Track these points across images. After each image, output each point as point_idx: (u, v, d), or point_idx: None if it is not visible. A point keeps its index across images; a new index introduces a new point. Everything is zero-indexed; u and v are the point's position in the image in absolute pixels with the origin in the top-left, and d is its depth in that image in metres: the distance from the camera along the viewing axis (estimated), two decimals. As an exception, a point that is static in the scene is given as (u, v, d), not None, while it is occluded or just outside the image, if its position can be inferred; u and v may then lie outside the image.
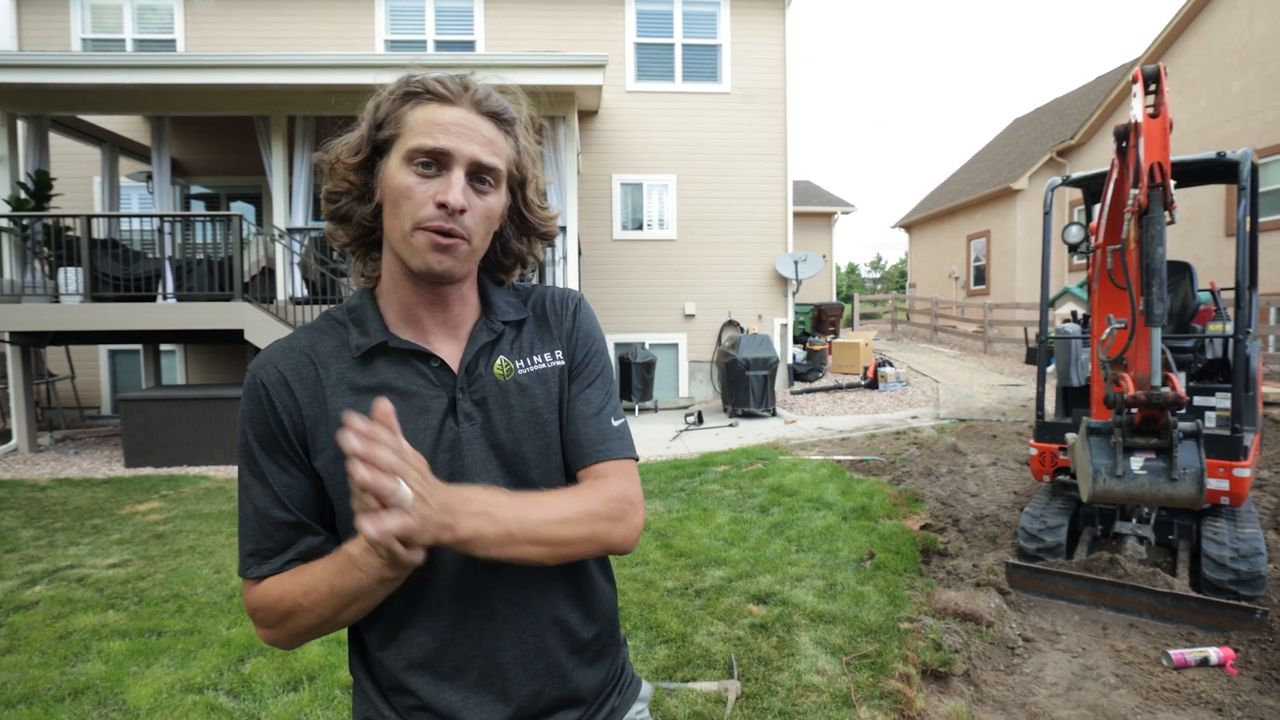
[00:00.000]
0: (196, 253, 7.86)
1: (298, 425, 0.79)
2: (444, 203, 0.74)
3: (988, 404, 8.75)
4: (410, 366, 0.81)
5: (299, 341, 0.83)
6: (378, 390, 0.79)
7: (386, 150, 0.79)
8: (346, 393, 0.79)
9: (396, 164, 0.77)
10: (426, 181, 0.76)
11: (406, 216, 0.76)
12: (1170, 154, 2.94)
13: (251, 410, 0.80)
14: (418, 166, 0.76)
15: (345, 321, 0.84)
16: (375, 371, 0.80)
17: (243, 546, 0.81)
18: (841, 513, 4.50)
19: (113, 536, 4.48)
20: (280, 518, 0.79)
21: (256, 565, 0.79)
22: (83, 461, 6.94)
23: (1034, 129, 18.38)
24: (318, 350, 0.82)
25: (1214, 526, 3.38)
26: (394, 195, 0.77)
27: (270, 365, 0.81)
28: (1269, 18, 10.47)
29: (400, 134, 0.78)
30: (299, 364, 0.81)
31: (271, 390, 0.79)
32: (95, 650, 2.86)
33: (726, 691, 2.48)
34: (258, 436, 0.79)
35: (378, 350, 0.81)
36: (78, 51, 9.48)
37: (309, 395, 0.79)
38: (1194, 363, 3.97)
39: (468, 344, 0.85)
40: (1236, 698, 2.50)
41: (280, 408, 0.79)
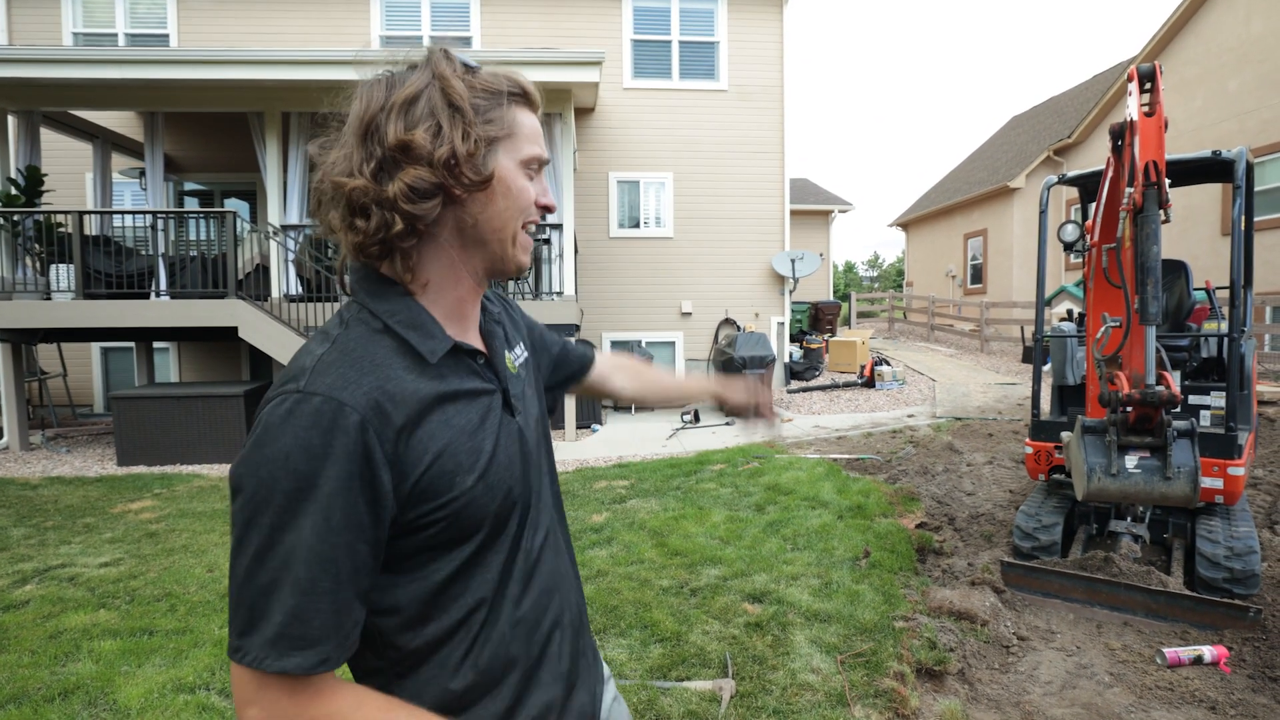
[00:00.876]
0: (190, 250, 7.82)
1: (391, 457, 0.68)
2: (548, 206, 0.82)
3: (984, 402, 8.76)
4: (465, 366, 0.79)
5: (357, 353, 0.71)
6: (455, 396, 0.75)
7: (493, 147, 0.76)
8: (434, 401, 0.73)
9: (513, 166, 0.78)
10: (532, 184, 0.80)
11: (517, 217, 0.79)
12: (1165, 152, 2.93)
13: (341, 446, 0.64)
14: (530, 171, 0.80)
15: (387, 327, 0.74)
16: (444, 377, 0.75)
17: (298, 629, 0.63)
18: (837, 511, 4.50)
19: (105, 535, 4.45)
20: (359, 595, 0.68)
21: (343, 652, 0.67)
22: (75, 460, 6.91)
23: (1031, 127, 18.40)
24: (380, 360, 0.71)
25: (1208, 525, 3.39)
26: (514, 198, 0.78)
27: (350, 387, 0.67)
28: (1266, 17, 10.48)
29: (513, 135, 0.77)
30: (381, 380, 0.69)
31: (366, 417, 0.66)
32: (86, 650, 2.84)
33: (721, 690, 2.48)
34: (347, 479, 0.65)
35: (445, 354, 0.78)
36: (69, 46, 9.40)
37: (403, 415, 0.69)
38: (1189, 361, 3.98)
39: (488, 339, 0.87)
40: (1230, 696, 2.50)
41: (374, 439, 0.66)
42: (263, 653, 0.63)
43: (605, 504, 4.95)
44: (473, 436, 0.76)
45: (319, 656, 0.64)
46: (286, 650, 0.63)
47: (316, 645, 0.64)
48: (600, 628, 3.00)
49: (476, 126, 0.73)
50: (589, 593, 3.33)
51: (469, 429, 0.76)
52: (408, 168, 0.71)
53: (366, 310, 0.76)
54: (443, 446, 0.72)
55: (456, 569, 0.75)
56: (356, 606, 0.68)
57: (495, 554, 0.79)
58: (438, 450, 0.72)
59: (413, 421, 0.70)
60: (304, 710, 0.65)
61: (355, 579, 0.67)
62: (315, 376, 0.67)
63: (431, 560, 0.74)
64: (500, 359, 0.87)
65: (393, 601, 0.73)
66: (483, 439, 0.77)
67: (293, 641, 0.63)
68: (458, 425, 0.75)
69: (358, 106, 0.74)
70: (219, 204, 10.08)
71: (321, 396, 0.66)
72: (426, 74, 0.74)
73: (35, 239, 7.28)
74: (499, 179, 0.76)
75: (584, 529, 4.36)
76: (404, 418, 0.69)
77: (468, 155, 0.72)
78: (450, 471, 0.72)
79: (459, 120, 0.72)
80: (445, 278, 0.79)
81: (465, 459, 0.74)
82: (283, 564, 0.63)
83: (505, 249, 0.79)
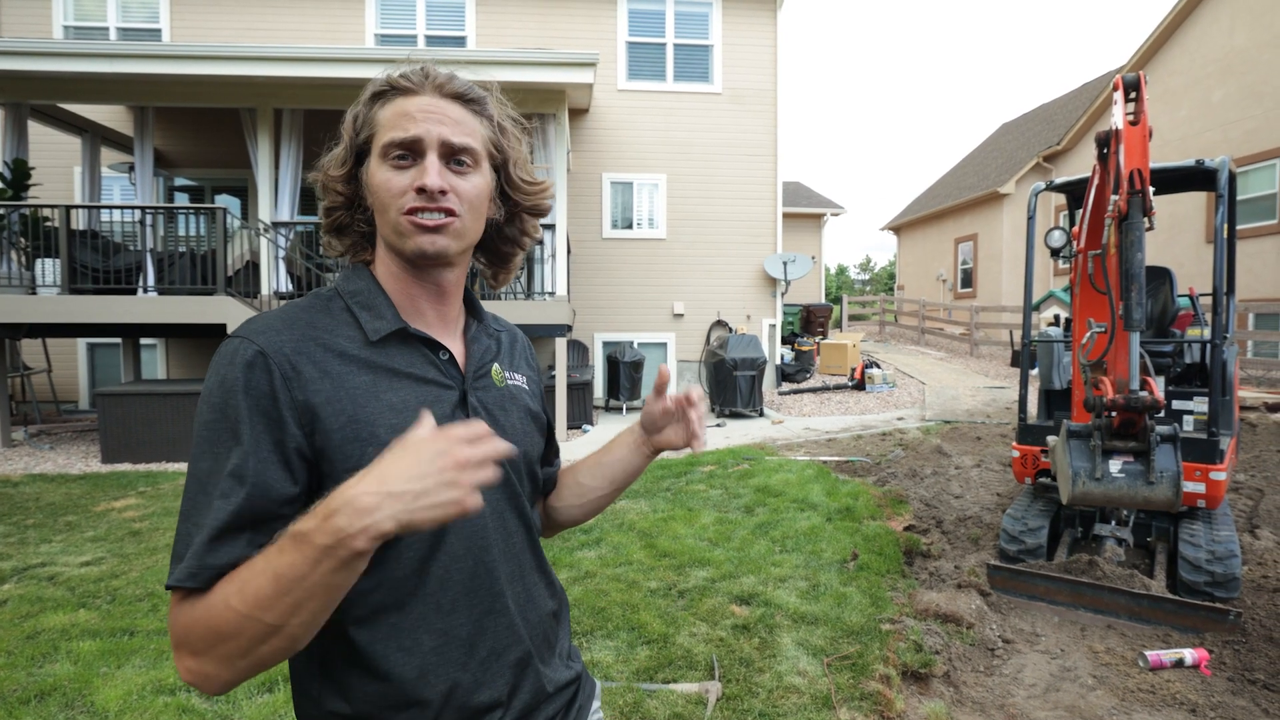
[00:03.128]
0: (179, 245, 7.74)
1: (299, 405, 0.72)
2: (423, 187, 0.77)
3: (973, 406, 8.82)
4: (421, 355, 0.81)
5: (295, 315, 0.77)
6: (393, 373, 0.78)
7: (367, 154, 0.81)
8: (364, 370, 0.76)
9: (375, 162, 0.79)
10: (404, 172, 0.78)
11: (392, 207, 0.78)
12: (1150, 161, 2.97)
13: (246, 379, 0.70)
14: (394, 160, 0.78)
15: (346, 304, 0.81)
16: (389, 355, 0.79)
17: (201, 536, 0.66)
18: (826, 514, 4.51)
19: (87, 534, 4.40)
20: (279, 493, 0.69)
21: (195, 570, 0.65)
22: (58, 457, 6.83)
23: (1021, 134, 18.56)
24: (319, 325, 0.77)
25: (1190, 529, 3.42)
26: (377, 190, 0.79)
27: (269, 333, 0.73)
28: (1249, 29, 10.63)
29: (375, 133, 0.80)
30: (302, 337, 0.75)
31: (273, 359, 0.71)
32: (64, 650, 2.80)
33: (707, 693, 2.48)
34: (251, 409, 0.69)
35: (391, 336, 0.80)
36: (59, 39, 9.32)
37: (317, 371, 0.73)
38: (1173, 367, 4.02)
39: (470, 344, 0.88)
40: (1210, 698, 2.52)
41: (280, 379, 0.71)
42: (171, 571, 0.68)
43: (594, 505, 4.94)
44: (401, 415, 0.75)
45: (186, 570, 0.66)
46: (175, 564, 0.67)
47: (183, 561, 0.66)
48: (587, 629, 2.99)
49: (353, 141, 0.82)
50: (576, 594, 3.32)
51: (398, 407, 0.76)
52: (326, 190, 0.84)
53: (334, 290, 0.84)
54: (358, 412, 0.74)
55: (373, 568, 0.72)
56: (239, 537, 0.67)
57: (409, 550, 0.75)
58: (351, 414, 0.73)
59: (329, 379, 0.74)
60: (183, 613, 0.66)
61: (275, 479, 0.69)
62: (246, 325, 0.76)
63: None
64: (477, 364, 0.88)
65: None
66: (413, 422, 0.69)
67: (179, 556, 0.67)
68: (386, 400, 0.76)
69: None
70: (209, 200, 10.01)
71: (240, 338, 0.73)
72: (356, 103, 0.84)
73: (21, 233, 7.19)
74: (368, 181, 0.81)
75: (572, 530, 4.35)
76: (317, 373, 0.74)
77: (342, 174, 0.83)
78: (363, 439, 0.73)
79: (340, 145, 0.83)
80: (388, 270, 0.84)
81: (383, 433, 0.73)
82: (201, 488, 0.69)
83: (396, 240, 0.80)
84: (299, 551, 0.61)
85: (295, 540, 0.62)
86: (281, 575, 0.61)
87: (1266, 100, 10.36)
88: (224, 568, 0.66)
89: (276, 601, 0.62)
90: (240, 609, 0.63)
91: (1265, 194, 10.41)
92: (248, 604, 0.62)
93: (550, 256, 8.02)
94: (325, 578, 0.61)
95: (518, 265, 0.97)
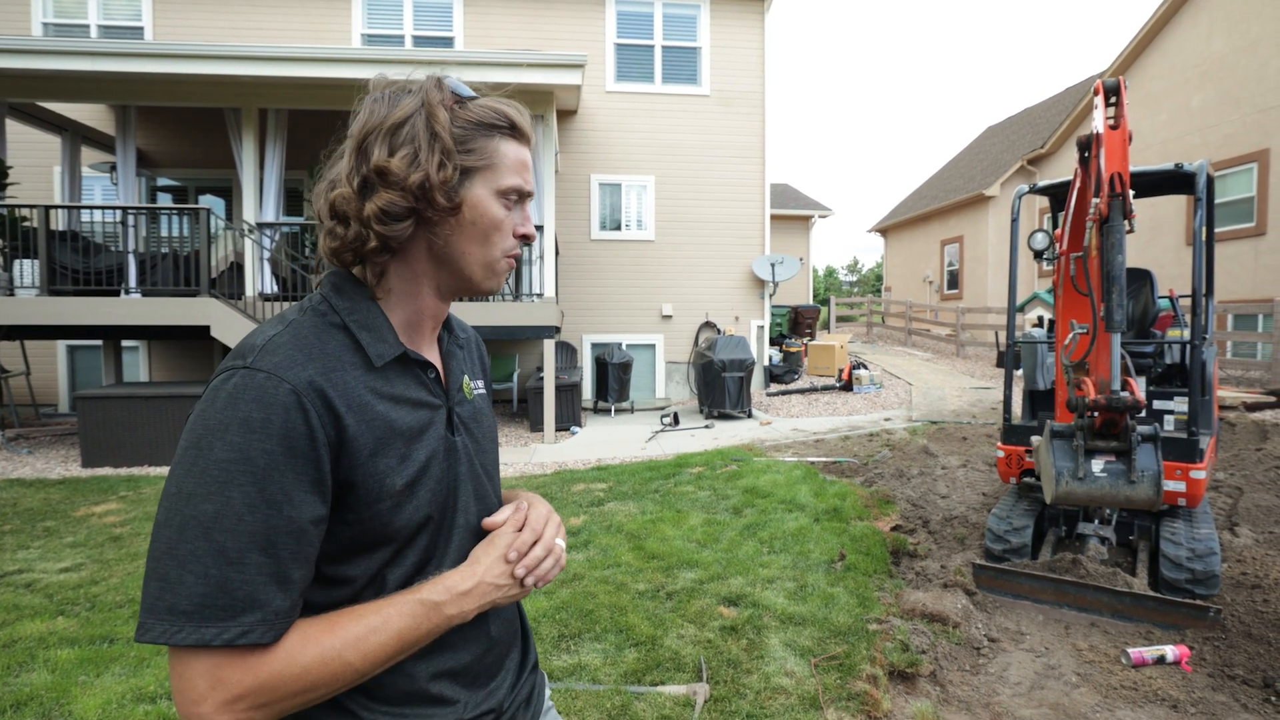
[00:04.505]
0: (162, 246, 7.65)
1: (332, 441, 0.69)
2: (526, 235, 0.84)
3: (959, 406, 8.90)
4: (415, 377, 0.81)
5: (309, 340, 0.73)
6: (399, 400, 0.78)
7: (469, 175, 0.79)
8: (378, 400, 0.75)
9: (488, 195, 0.80)
10: (509, 214, 0.82)
11: (496, 246, 0.82)
12: (1130, 165, 3.01)
13: (281, 422, 0.65)
14: (508, 201, 0.82)
15: (344, 324, 0.76)
16: (390, 381, 0.78)
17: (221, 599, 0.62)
18: (814, 514, 4.53)
19: (66, 539, 4.33)
20: (303, 568, 0.68)
21: (267, 627, 0.64)
22: (36, 461, 6.71)
23: (1006, 137, 18.76)
24: (329, 352, 0.74)
25: (1171, 527, 3.47)
26: (489, 222, 0.81)
27: (295, 368, 0.69)
28: (1227, 35, 10.82)
29: (492, 166, 0.80)
30: (326, 368, 0.71)
31: (305, 397, 0.67)
32: (42, 659, 2.75)
33: (695, 694, 2.48)
34: (288, 454, 0.65)
35: (392, 360, 0.79)
36: (38, 36, 9.18)
37: (345, 403, 0.71)
38: (1154, 367, 4.07)
39: (447, 358, 0.89)
40: (1191, 694, 2.56)
41: (316, 420, 0.68)
42: (175, 625, 0.61)
43: (583, 507, 4.93)
44: (409, 443, 0.77)
45: (240, 628, 0.62)
46: (203, 622, 0.61)
47: (239, 616, 0.62)
48: (575, 632, 2.98)
49: (455, 156, 0.77)
50: (565, 597, 3.31)
51: (406, 435, 0.77)
52: (383, 191, 0.75)
53: (327, 303, 0.78)
54: (378, 445, 0.73)
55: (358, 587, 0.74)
56: (294, 585, 0.67)
57: (395, 570, 0.76)
58: (373, 447, 0.73)
59: (354, 413, 0.72)
60: (254, 667, 0.64)
61: (295, 556, 0.67)
62: (264, 355, 0.69)
63: (335, 564, 0.73)
64: (456, 379, 0.89)
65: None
66: (417, 449, 0.77)
67: (213, 612, 0.62)
68: (397, 428, 0.76)
69: (360, 119, 0.78)
70: (193, 200, 9.90)
71: (266, 373, 0.67)
72: (417, 100, 0.77)
73: (-2, 233, 7.08)
74: (470, 206, 0.79)
75: (561, 532, 4.33)
76: (345, 407, 0.71)
77: (441, 183, 0.76)
78: (383, 471, 0.73)
79: (436, 148, 0.76)
80: (409, 289, 0.82)
81: (396, 463, 0.75)
82: (203, 533, 0.63)
83: (474, 273, 0.82)
84: (428, 618, 0.73)
85: (425, 607, 0.73)
86: (405, 635, 0.71)
87: (1244, 105, 10.54)
88: (291, 620, 0.67)
89: (393, 657, 0.72)
90: (356, 664, 0.69)
91: (1243, 197, 10.59)
92: (367, 660, 0.69)
93: (538, 258, 8.01)
94: (431, 639, 0.75)
95: None
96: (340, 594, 0.73)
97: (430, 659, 0.78)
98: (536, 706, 0.95)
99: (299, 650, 0.66)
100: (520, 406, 9.77)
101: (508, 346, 10.04)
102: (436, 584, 0.75)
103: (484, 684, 0.84)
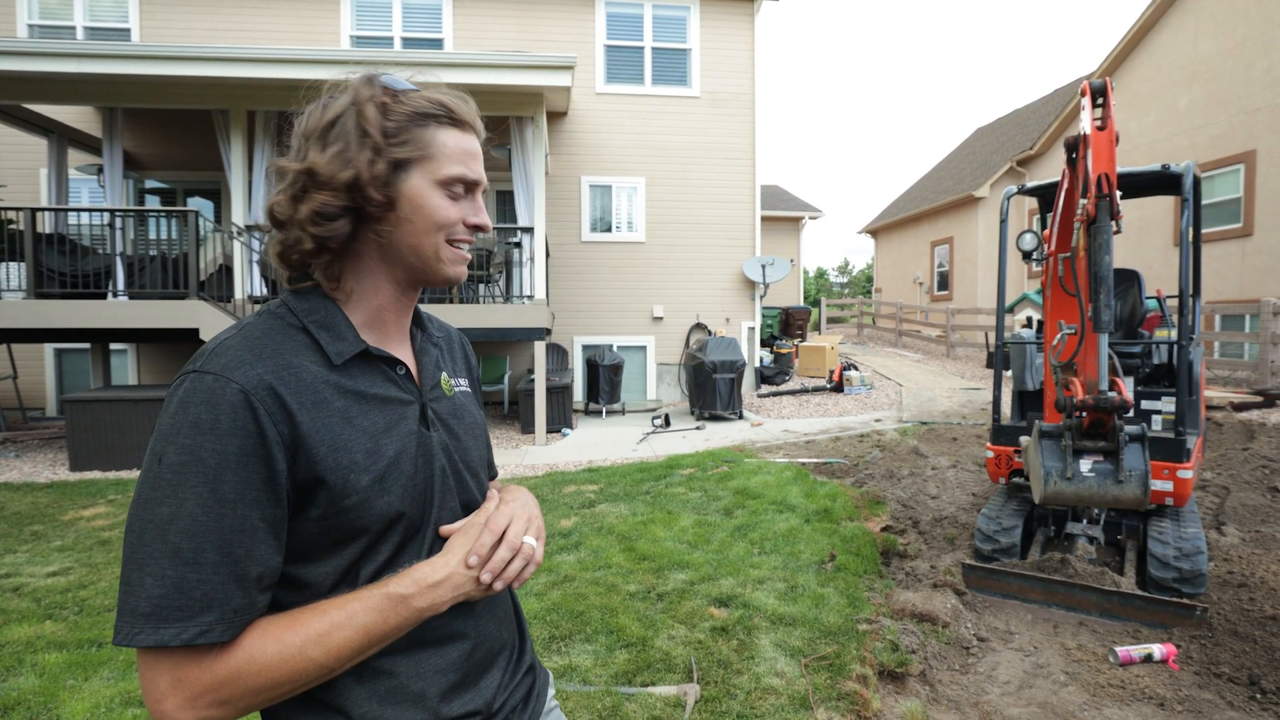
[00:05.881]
0: (150, 249, 7.60)
1: (285, 439, 0.69)
2: (479, 225, 0.83)
3: (949, 407, 8.94)
4: (381, 373, 0.81)
5: (261, 340, 0.73)
6: (360, 396, 0.77)
7: (405, 169, 0.78)
8: (337, 396, 0.75)
9: (427, 186, 0.79)
10: (456, 203, 0.81)
11: (441, 234, 0.80)
12: (1117, 166, 3.03)
13: (229, 422, 0.66)
14: (453, 190, 0.80)
15: (302, 325, 0.77)
16: (353, 377, 0.78)
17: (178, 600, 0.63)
18: (804, 515, 4.54)
19: (53, 543, 4.29)
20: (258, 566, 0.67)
21: (225, 625, 0.65)
22: (24, 465, 6.65)
23: (995, 139, 18.89)
24: (285, 350, 0.74)
25: (1159, 526, 3.50)
26: (426, 213, 0.79)
27: (243, 367, 0.69)
28: (1213, 38, 10.93)
29: (429, 156, 0.79)
30: (278, 366, 0.71)
31: (254, 397, 0.68)
32: (29, 663, 2.73)
33: (686, 695, 2.48)
34: (239, 454, 0.66)
35: (354, 356, 0.79)
36: (23, 38, 9.10)
37: (298, 401, 0.71)
38: (1141, 368, 4.10)
39: (420, 355, 0.88)
40: (1177, 692, 2.58)
41: (266, 419, 0.68)
42: (135, 626, 0.62)
43: (574, 509, 4.92)
44: (374, 439, 0.76)
45: (198, 628, 0.63)
46: (161, 623, 0.63)
47: (196, 617, 0.63)
48: (566, 633, 2.98)
49: (386, 150, 0.76)
50: (555, 598, 3.31)
51: (372, 431, 0.76)
52: (314, 193, 0.75)
53: (286, 306, 0.79)
54: (338, 440, 0.73)
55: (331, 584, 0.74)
56: (251, 583, 0.67)
57: (368, 566, 0.76)
58: (332, 443, 0.72)
59: (308, 410, 0.72)
60: (210, 667, 0.65)
61: (250, 555, 0.67)
62: (212, 358, 0.70)
63: (305, 561, 0.73)
64: (430, 375, 0.88)
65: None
66: (385, 444, 0.77)
67: (171, 613, 0.63)
68: (360, 425, 0.76)
69: (299, 124, 0.79)
70: (182, 203, 9.82)
71: (214, 375, 0.68)
72: (348, 98, 0.78)
73: (-17, 236, 7.01)
74: (408, 199, 0.78)
75: (552, 534, 4.33)
76: (298, 404, 0.71)
77: (372, 179, 0.75)
78: (345, 467, 0.73)
79: (366, 145, 0.76)
80: (366, 287, 0.82)
81: (362, 459, 0.74)
82: (159, 535, 0.64)
83: (426, 263, 0.81)
84: (395, 612, 0.72)
85: (392, 600, 0.72)
86: (372, 630, 0.71)
87: (1230, 107, 10.65)
88: (249, 619, 0.67)
89: (361, 652, 0.71)
90: (320, 659, 0.68)
91: (1230, 198, 10.70)
92: (330, 655, 0.69)
93: (529, 260, 7.99)
94: (402, 632, 0.74)
95: None
96: (313, 592, 0.73)
97: (413, 654, 0.77)
98: (536, 707, 0.94)
99: (259, 647, 0.66)
100: (511, 408, 9.75)
101: (498, 348, 10.03)
102: (405, 577, 0.74)
103: (470, 684, 0.83)
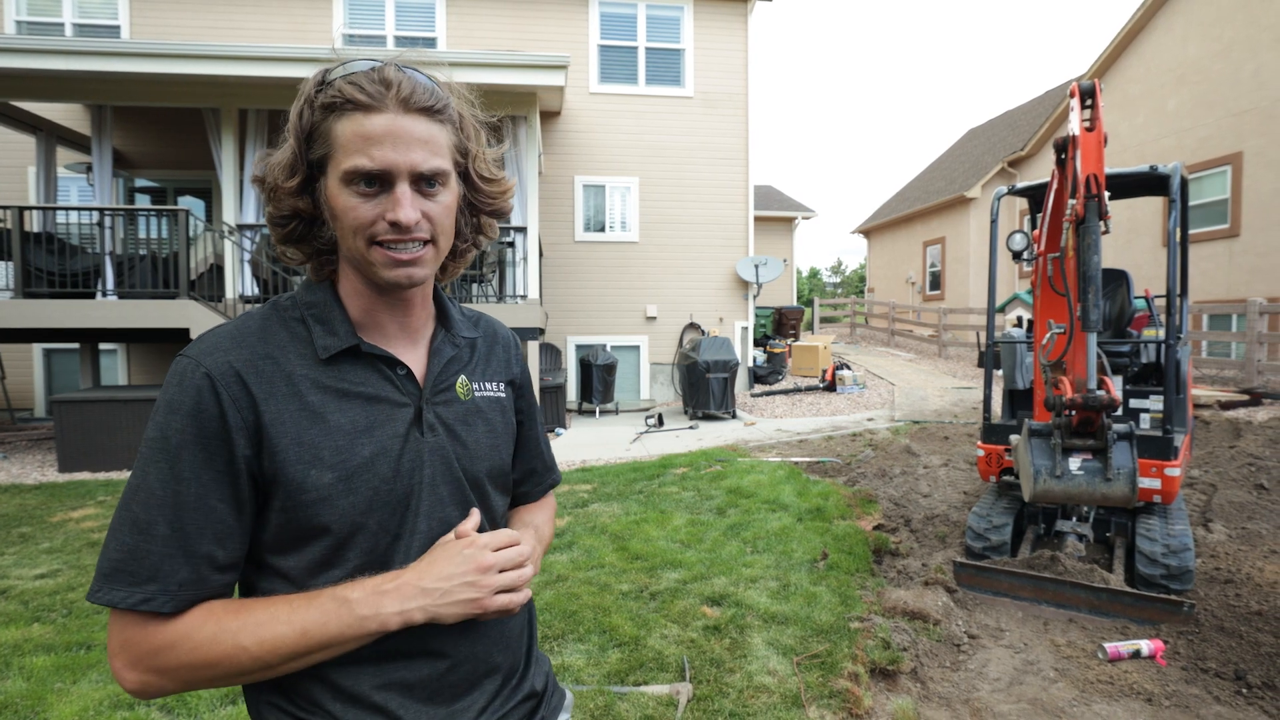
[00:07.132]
0: (140, 248, 7.54)
1: (249, 425, 0.70)
2: (396, 222, 0.72)
3: (941, 406, 8.99)
4: (377, 372, 0.78)
5: (247, 330, 0.74)
6: (342, 393, 0.75)
7: (323, 169, 0.73)
8: (312, 390, 0.74)
9: (336, 186, 0.72)
10: (371, 200, 0.72)
11: (360, 237, 0.73)
12: (1105, 166, 3.06)
13: (192, 404, 0.68)
14: (358, 187, 0.72)
15: (302, 317, 0.77)
16: (341, 373, 0.76)
17: (131, 566, 0.65)
18: (797, 514, 4.55)
19: (42, 545, 4.25)
20: (210, 545, 0.68)
21: (168, 597, 0.66)
22: (12, 466, 6.59)
23: (987, 139, 18.98)
24: (271, 341, 0.74)
25: (1147, 524, 3.53)
26: (340, 217, 0.73)
27: (216, 354, 0.71)
28: (1201, 40, 11.03)
29: (331, 152, 0.72)
30: (253, 355, 0.72)
31: (219, 382, 0.69)
32: (16, 666, 2.70)
33: (678, 694, 2.48)
34: (198, 435, 0.68)
35: (344, 353, 0.77)
36: (11, 34, 9.02)
37: (266, 391, 0.71)
38: (1130, 367, 4.14)
39: (432, 356, 0.84)
40: (1165, 688, 2.60)
41: (229, 404, 0.69)
42: (96, 585, 0.66)
43: (567, 508, 4.92)
44: (349, 437, 0.74)
45: (142, 595, 0.65)
46: (114, 585, 0.66)
47: (143, 584, 0.66)
48: (559, 633, 2.98)
49: (305, 153, 0.74)
50: (548, 598, 3.31)
51: (347, 429, 0.74)
52: (267, 199, 0.78)
53: (292, 299, 0.80)
54: (303, 435, 0.72)
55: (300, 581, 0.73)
56: (200, 560, 0.68)
57: (336, 571, 0.73)
58: (295, 436, 0.72)
59: (275, 400, 0.72)
60: (151, 634, 0.66)
61: (202, 533, 0.68)
62: (197, 343, 0.73)
63: (271, 553, 0.73)
64: (439, 377, 0.83)
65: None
66: (361, 444, 0.74)
67: (122, 577, 0.66)
68: (333, 422, 0.74)
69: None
70: (172, 201, 9.77)
71: (189, 359, 0.71)
72: (299, 99, 0.75)
73: (-30, 235, 6.94)
74: (326, 202, 0.74)
75: (546, 534, 4.33)
76: (264, 393, 0.71)
77: (291, 187, 0.75)
78: (306, 462, 0.71)
79: (288, 149, 0.75)
80: (353, 284, 0.80)
81: (328, 455, 0.72)
82: (127, 504, 0.68)
83: (363, 268, 0.76)
84: (336, 614, 0.68)
85: (336, 602, 0.69)
86: (310, 631, 0.67)
87: (1218, 109, 10.75)
88: (197, 594, 0.68)
89: (293, 651, 0.67)
90: (252, 649, 0.66)
91: (1217, 199, 10.80)
92: (263, 647, 0.67)
93: (522, 259, 7.98)
94: (348, 643, 0.69)
95: (469, 261, 0.90)
96: (283, 584, 0.73)
97: (381, 666, 0.74)
98: None
99: (196, 625, 0.67)
100: (506, 408, 9.72)
101: (493, 348, 9.99)
102: (362, 581, 0.71)
103: (444, 702, 0.77)
